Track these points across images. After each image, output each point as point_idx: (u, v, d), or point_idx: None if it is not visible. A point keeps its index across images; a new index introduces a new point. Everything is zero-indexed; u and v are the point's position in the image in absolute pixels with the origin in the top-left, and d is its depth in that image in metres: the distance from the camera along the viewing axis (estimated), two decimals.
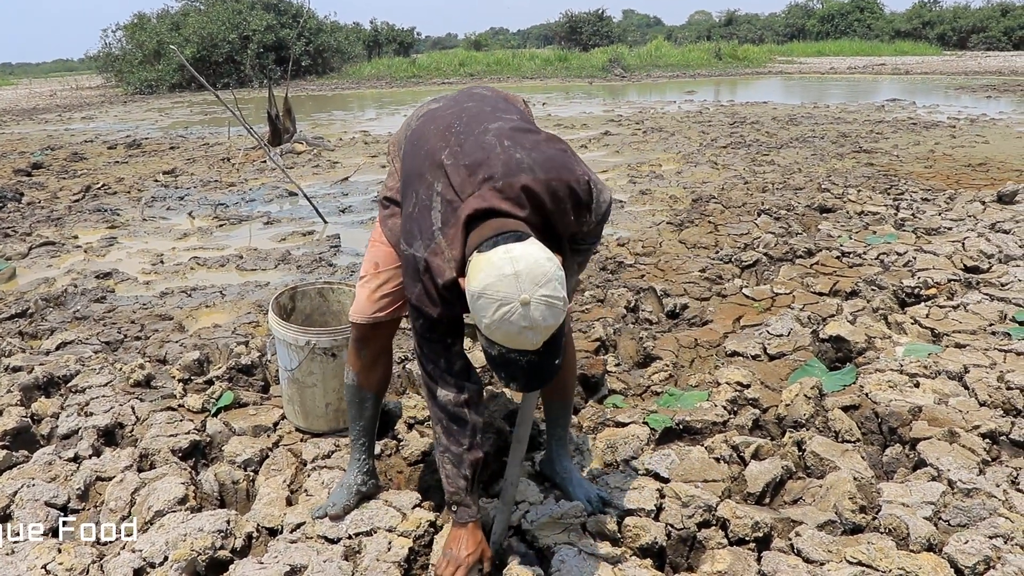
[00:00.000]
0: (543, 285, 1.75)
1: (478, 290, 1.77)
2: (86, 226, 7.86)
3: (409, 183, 2.17)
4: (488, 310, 1.76)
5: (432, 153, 2.11)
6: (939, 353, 3.73)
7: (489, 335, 1.81)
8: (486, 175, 1.97)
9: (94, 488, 2.88)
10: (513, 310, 1.74)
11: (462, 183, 1.99)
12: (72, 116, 22.80)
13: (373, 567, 2.31)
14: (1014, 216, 6.45)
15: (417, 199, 2.09)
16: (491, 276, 1.76)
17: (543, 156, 2.01)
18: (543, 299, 1.75)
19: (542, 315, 1.75)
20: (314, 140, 13.47)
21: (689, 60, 41.09)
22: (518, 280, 1.74)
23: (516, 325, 1.75)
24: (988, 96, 20.45)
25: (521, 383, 1.90)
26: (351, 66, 40.27)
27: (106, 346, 4.42)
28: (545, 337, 1.79)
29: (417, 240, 2.04)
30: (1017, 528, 2.40)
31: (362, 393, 2.64)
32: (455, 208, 1.98)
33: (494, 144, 2.03)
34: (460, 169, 2.01)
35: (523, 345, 1.79)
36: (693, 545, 2.46)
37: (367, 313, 2.51)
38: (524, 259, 1.77)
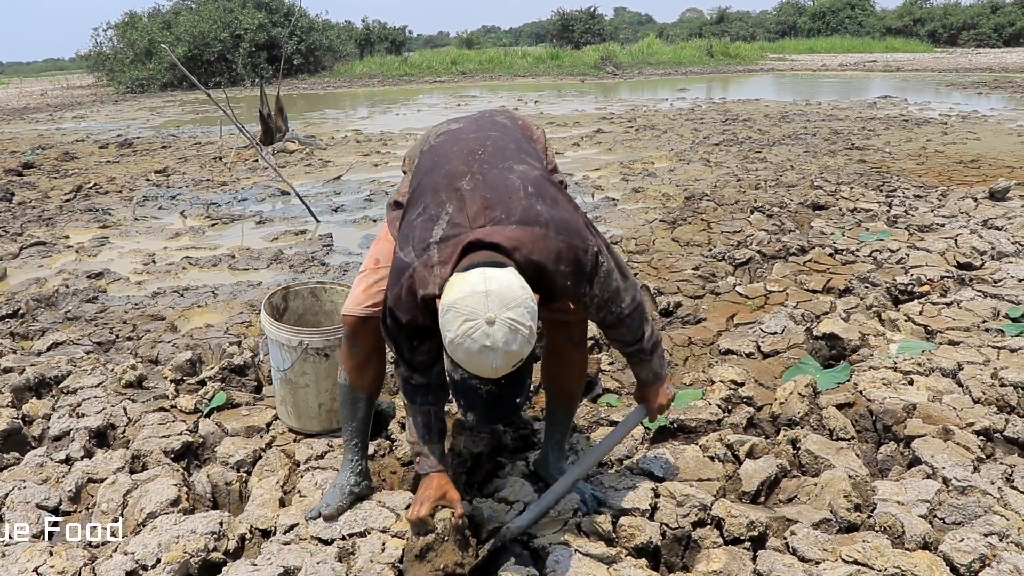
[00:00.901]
0: (511, 308, 1.78)
1: (448, 303, 1.81)
2: (77, 226, 7.83)
3: (421, 195, 2.18)
4: (453, 324, 1.79)
5: (452, 176, 2.13)
6: (933, 350, 3.73)
7: (452, 353, 1.83)
8: (503, 215, 2.00)
9: (86, 490, 2.86)
10: (477, 327, 1.77)
11: (476, 214, 2.02)
12: (63, 115, 22.70)
13: (367, 568, 2.30)
14: (1006, 213, 6.47)
15: (425, 211, 2.10)
16: (463, 291, 1.80)
17: (560, 216, 2.05)
18: (508, 321, 1.77)
19: (504, 337, 1.77)
20: (306, 139, 13.43)
21: (681, 58, 41.14)
22: (487, 298, 1.78)
23: (477, 343, 1.77)
24: (979, 93, 20.51)
25: (478, 413, 1.95)
26: (343, 65, 40.18)
27: (98, 347, 4.40)
28: (505, 365, 1.82)
29: (409, 247, 2.06)
30: (1012, 526, 2.39)
31: (355, 393, 2.63)
32: (460, 233, 2.00)
33: (518, 187, 2.06)
34: (477, 199, 2.04)
35: (482, 368, 1.81)
36: (688, 544, 2.46)
37: (361, 304, 2.51)
38: (498, 281, 1.81)
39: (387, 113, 20.27)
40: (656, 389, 2.50)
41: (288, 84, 31.60)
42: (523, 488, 2.67)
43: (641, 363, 2.43)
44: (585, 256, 2.06)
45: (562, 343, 2.63)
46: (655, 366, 2.44)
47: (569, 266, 2.03)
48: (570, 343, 2.62)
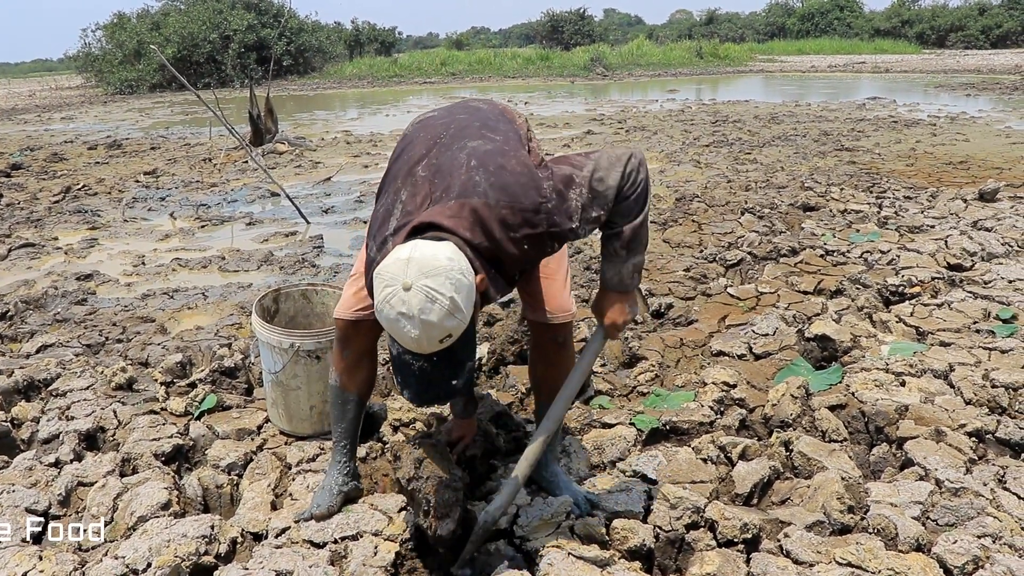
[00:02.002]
0: (429, 276, 1.79)
1: (378, 270, 1.86)
2: (66, 227, 7.78)
3: (385, 184, 2.24)
4: (377, 290, 1.84)
5: (411, 160, 2.17)
6: (924, 352, 3.74)
7: (381, 322, 1.87)
8: (443, 192, 2.02)
9: (76, 494, 2.84)
10: (394, 292, 1.79)
11: (424, 198, 2.05)
12: (52, 116, 22.60)
13: (360, 572, 2.29)
14: (996, 214, 6.50)
15: (385, 200, 2.17)
16: (390, 258, 1.85)
17: (502, 182, 1.99)
18: (424, 288, 1.78)
19: (419, 305, 1.78)
20: (296, 140, 13.39)
21: (670, 59, 41.23)
22: (408, 265, 1.81)
23: (394, 309, 1.80)
24: (967, 94, 20.61)
25: (412, 391, 1.95)
26: (332, 66, 40.14)
27: (87, 349, 4.37)
28: (424, 336, 1.81)
29: (371, 240, 2.12)
30: (1005, 527, 2.40)
31: (345, 395, 2.61)
32: (410, 221, 2.02)
33: (462, 163, 2.05)
34: (426, 183, 2.07)
35: (402, 338, 1.83)
36: (682, 547, 2.45)
37: (351, 308, 2.49)
38: (422, 250, 1.84)
39: (377, 114, 20.25)
40: (616, 300, 2.30)
41: (277, 85, 31.52)
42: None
43: (610, 257, 2.23)
44: (536, 216, 2.00)
45: (547, 344, 2.62)
46: (625, 271, 2.24)
47: (519, 231, 1.99)
48: (555, 343, 2.61)
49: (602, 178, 2.08)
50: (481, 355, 3.86)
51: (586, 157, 2.13)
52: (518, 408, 3.42)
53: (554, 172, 2.07)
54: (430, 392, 1.96)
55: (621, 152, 2.14)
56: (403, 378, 1.94)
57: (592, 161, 2.11)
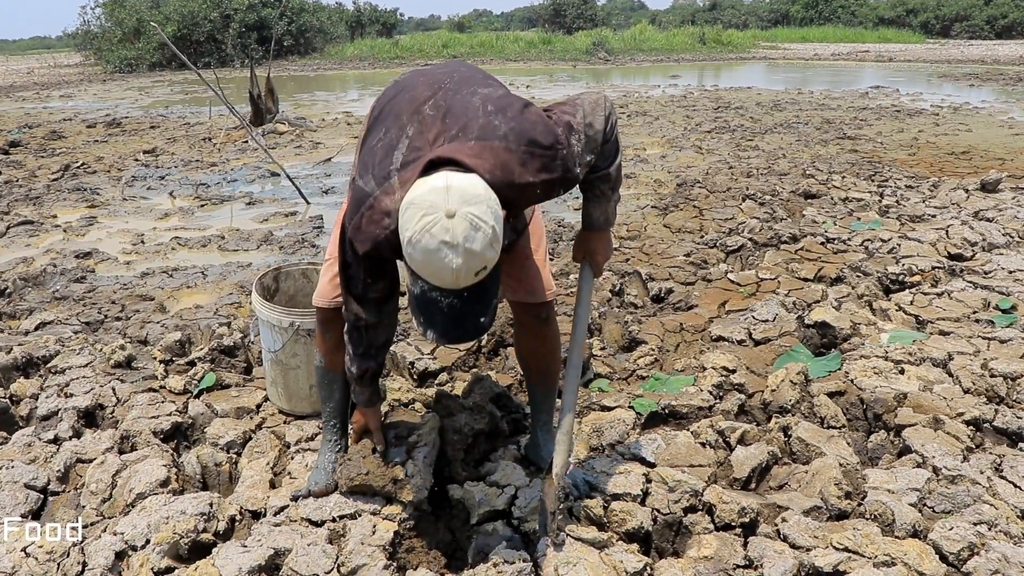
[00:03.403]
0: (472, 204, 1.73)
1: (408, 201, 1.77)
2: (65, 205, 7.76)
3: (381, 120, 2.15)
4: (412, 220, 1.73)
5: (415, 100, 2.09)
6: (924, 340, 3.75)
7: (410, 256, 1.77)
8: (460, 131, 1.94)
9: (74, 470, 2.84)
10: (436, 220, 1.71)
11: (436, 135, 1.97)
12: (50, 94, 22.51)
13: (358, 550, 2.29)
14: (997, 204, 6.49)
15: (385, 136, 2.06)
16: (423, 188, 1.77)
17: (521, 127, 1.97)
18: (469, 215, 1.72)
19: (464, 232, 1.71)
20: (296, 120, 13.35)
21: (673, 44, 41.06)
22: (447, 193, 1.73)
23: (435, 238, 1.71)
24: (971, 85, 20.54)
25: (438, 330, 1.87)
26: (333, 47, 39.93)
27: (86, 326, 4.36)
28: (465, 267, 1.74)
29: (369, 175, 2.01)
30: (1001, 515, 2.41)
31: (330, 375, 2.62)
32: (420, 156, 1.95)
33: (478, 107, 2.00)
34: (437, 122, 2.00)
35: (441, 270, 1.74)
36: (679, 530, 2.46)
37: (328, 297, 2.50)
38: (460, 180, 1.77)
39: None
40: (603, 238, 2.37)
41: (278, 66, 31.39)
42: (515, 472, 2.67)
43: (597, 198, 2.29)
44: (553, 162, 1.99)
45: (531, 321, 2.64)
46: (610, 208, 2.33)
47: (538, 175, 1.96)
48: (538, 320, 2.62)
49: (591, 123, 2.09)
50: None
51: (572, 104, 2.13)
52: (517, 390, 3.42)
53: (558, 120, 2.07)
54: (458, 331, 1.88)
55: (596, 97, 2.16)
56: (427, 318, 1.86)
57: (579, 108, 2.11)
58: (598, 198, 2.29)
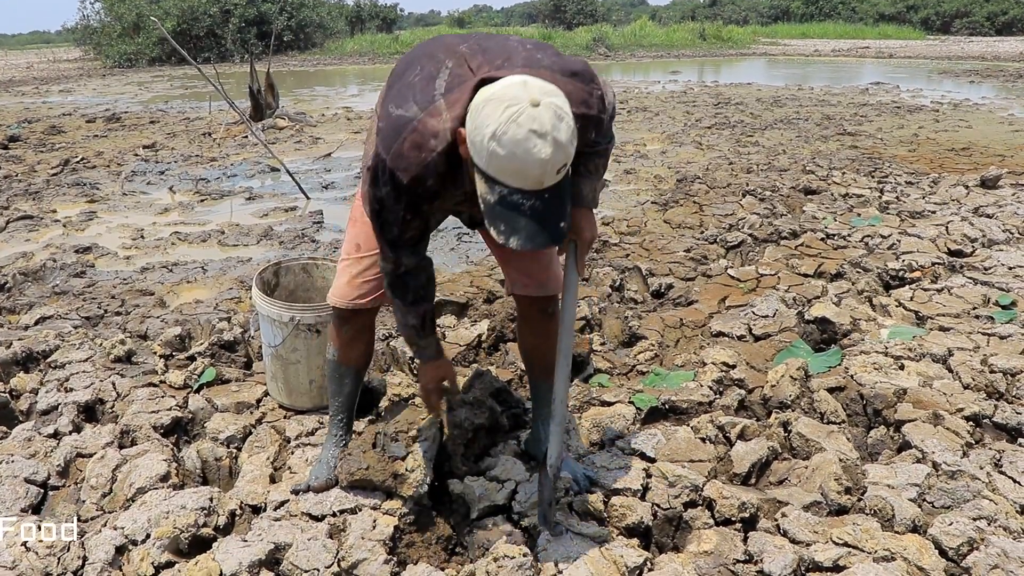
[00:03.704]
0: (553, 95, 1.74)
1: (485, 98, 1.74)
2: (65, 200, 7.75)
3: (414, 62, 2.08)
4: (495, 114, 1.69)
5: (448, 45, 2.06)
6: (923, 336, 3.75)
7: (493, 154, 1.71)
8: (504, 61, 1.94)
9: (74, 465, 2.85)
10: (521, 110, 1.68)
11: (479, 65, 1.94)
12: (49, 89, 22.48)
13: (358, 545, 2.29)
14: (997, 201, 6.49)
15: (422, 71, 2.00)
16: (499, 86, 1.74)
17: (563, 62, 2.00)
18: (553, 104, 1.71)
19: (551, 121, 1.69)
20: (296, 116, 13.34)
21: (673, 40, 40.99)
22: (526, 86, 1.72)
23: (523, 127, 1.67)
24: (971, 81, 20.52)
25: (523, 236, 1.79)
26: (333, 42, 39.86)
27: (86, 321, 4.36)
28: (553, 158, 1.71)
29: (411, 102, 1.94)
30: (1001, 510, 2.41)
31: (342, 368, 2.62)
32: (464, 80, 1.91)
33: (517, 47, 2.01)
34: (478, 55, 1.98)
35: (529, 162, 1.69)
36: (679, 525, 2.46)
37: (347, 299, 2.48)
38: (534, 78, 1.77)
39: (377, 91, 19.86)
40: (589, 215, 2.28)
41: (278, 61, 31.35)
42: (515, 467, 2.67)
43: (590, 174, 2.25)
44: (591, 98, 1.99)
45: (536, 315, 2.63)
46: (598, 187, 2.30)
47: (579, 108, 1.93)
48: (544, 314, 2.61)
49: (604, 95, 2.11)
50: (481, 332, 3.86)
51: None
52: (517, 385, 3.42)
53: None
54: (543, 235, 1.80)
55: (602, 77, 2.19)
56: (510, 224, 1.78)
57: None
58: (591, 174, 2.25)
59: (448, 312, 4.31)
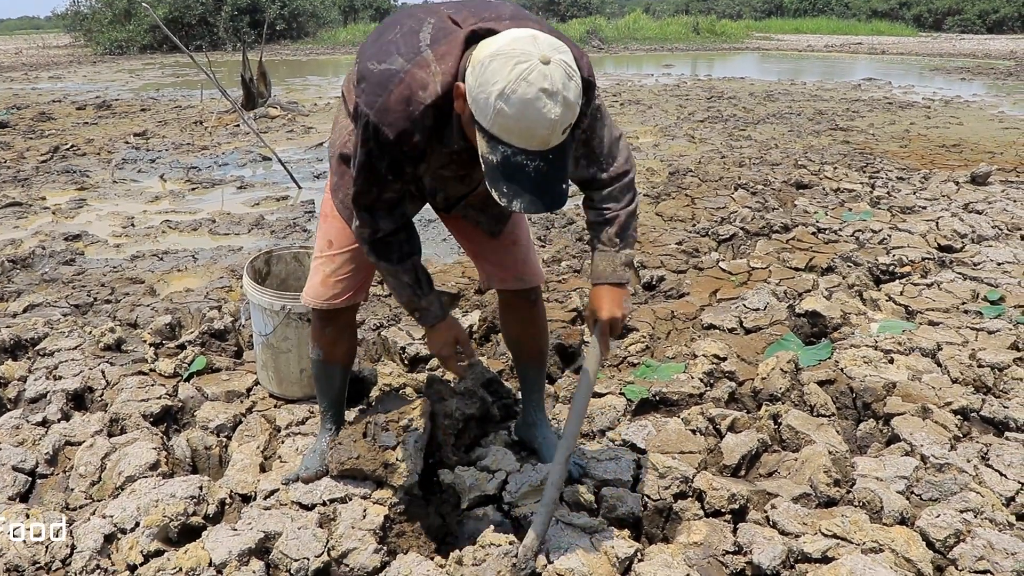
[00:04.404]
0: (562, 52, 1.67)
1: (491, 52, 1.65)
2: (54, 187, 7.71)
3: (390, 25, 1.98)
4: (502, 71, 1.61)
5: (428, 6, 1.98)
6: (913, 330, 3.76)
7: (497, 117, 1.65)
8: (493, 16, 1.87)
9: (63, 453, 2.84)
10: (532, 67, 1.60)
11: (464, 18, 1.87)
12: (39, 75, 22.33)
13: (348, 534, 2.29)
14: (987, 197, 6.51)
15: (401, 28, 1.91)
16: (507, 38, 1.67)
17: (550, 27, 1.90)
18: (563, 61, 1.64)
19: (562, 79, 1.63)
20: (288, 105, 13.29)
21: (667, 34, 40.97)
22: (536, 42, 1.65)
23: (534, 85, 1.60)
24: (962, 78, 20.57)
25: (527, 198, 1.73)
26: (326, 31, 39.68)
27: (75, 309, 4.34)
28: (562, 117, 1.65)
29: (394, 55, 1.85)
30: (987, 503, 2.43)
31: (329, 367, 2.60)
32: (449, 32, 1.84)
33: (500, 4, 1.95)
34: (463, 9, 1.90)
35: (537, 122, 1.63)
36: (669, 516, 2.47)
37: (322, 298, 2.44)
38: (541, 34, 1.70)
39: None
40: (612, 293, 2.18)
41: (270, 50, 31.20)
42: (505, 457, 2.67)
43: (604, 245, 2.15)
44: (582, 60, 1.84)
45: (520, 303, 2.63)
46: (618, 262, 2.16)
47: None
48: (528, 302, 2.61)
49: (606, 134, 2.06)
50: (472, 322, 3.86)
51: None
52: (508, 375, 3.42)
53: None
54: (546, 197, 1.75)
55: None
56: (514, 185, 1.72)
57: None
58: (603, 247, 2.16)
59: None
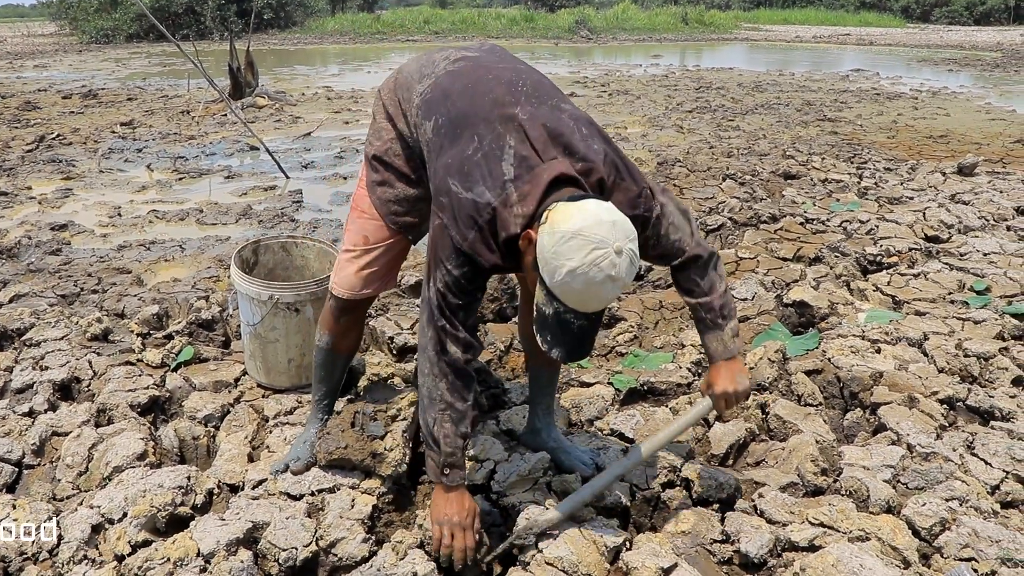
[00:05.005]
0: (632, 240, 1.78)
1: (573, 230, 1.72)
2: (40, 177, 7.65)
3: (466, 124, 2.01)
4: (579, 252, 1.72)
5: (500, 103, 2.00)
6: (900, 320, 3.78)
7: (564, 284, 1.76)
8: (568, 149, 1.94)
9: (50, 443, 2.82)
10: (606, 255, 1.72)
11: (543, 147, 1.92)
12: (24, 64, 22.13)
13: (336, 524, 2.29)
14: (973, 188, 6.54)
15: (481, 144, 1.96)
16: (589, 219, 1.74)
17: (614, 158, 2.01)
18: (631, 252, 1.76)
19: (627, 269, 1.76)
20: (276, 94, 13.23)
21: (655, 24, 40.94)
22: (614, 228, 1.75)
23: (603, 272, 1.72)
24: (949, 70, 20.66)
25: (565, 349, 1.88)
26: (314, 20, 39.45)
27: (62, 299, 4.31)
28: (615, 297, 1.80)
29: (480, 186, 1.91)
30: (972, 491, 2.45)
31: (334, 356, 2.61)
32: (532, 167, 1.90)
33: (572, 126, 1.99)
34: (540, 129, 1.95)
35: (594, 299, 1.78)
36: (657, 505, 2.48)
37: (355, 290, 2.44)
38: (618, 213, 1.79)
39: (358, 71, 20.02)
40: (726, 369, 2.23)
41: (258, 39, 30.99)
42: (493, 446, 2.68)
43: (710, 328, 2.22)
44: (637, 199, 2.00)
45: None
46: (726, 337, 2.22)
47: (625, 209, 1.92)
48: None
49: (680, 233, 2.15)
50: None
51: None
52: (496, 365, 3.43)
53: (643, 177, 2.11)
54: (581, 350, 1.91)
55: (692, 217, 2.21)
56: (558, 337, 1.86)
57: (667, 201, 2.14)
58: (709, 327, 2.23)
59: None
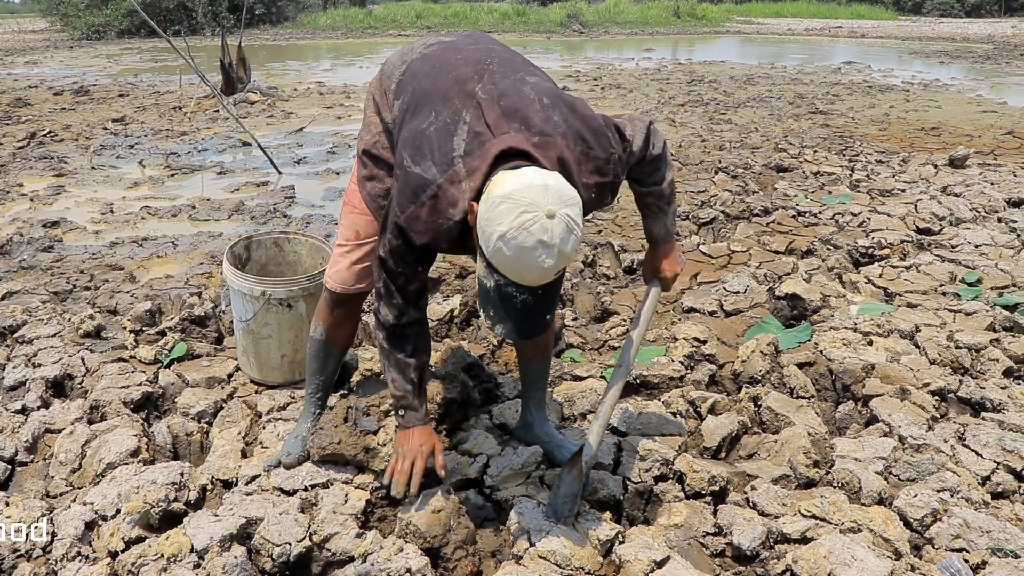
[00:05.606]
0: (569, 205, 1.72)
1: (503, 193, 1.71)
2: (32, 174, 7.62)
3: (426, 100, 2.04)
4: (508, 216, 1.69)
5: (462, 80, 2.02)
6: (892, 312, 3.79)
7: (497, 252, 1.73)
8: (523, 123, 1.91)
9: (43, 440, 2.82)
10: (536, 219, 1.67)
11: (496, 121, 1.91)
12: (14, 60, 22.00)
13: (330, 519, 2.30)
14: (965, 180, 6.56)
15: (437, 119, 1.97)
16: (521, 183, 1.72)
17: (578, 126, 1.97)
18: (566, 216, 1.70)
19: (561, 234, 1.70)
20: (268, 90, 13.18)
21: (648, 18, 40.85)
22: (547, 192, 1.70)
23: (533, 237, 1.68)
24: (941, 62, 20.67)
25: (509, 326, 1.85)
26: (306, 16, 39.29)
27: (54, 296, 4.30)
28: (555, 267, 1.73)
29: (428, 161, 1.92)
30: (963, 482, 2.46)
31: (328, 348, 2.61)
32: (483, 141, 1.89)
33: (533, 98, 1.97)
34: (495, 107, 1.94)
35: (529, 268, 1.72)
36: (650, 498, 2.49)
37: (348, 284, 2.46)
38: (555, 178, 1.75)
39: (350, 66, 19.95)
40: (668, 251, 2.41)
41: (250, 34, 30.91)
42: (486, 441, 2.68)
43: (656, 213, 2.33)
44: (606, 165, 1.99)
45: None
46: (668, 220, 2.35)
47: (591, 177, 1.96)
48: None
49: (632, 137, 2.12)
50: (453, 307, 3.86)
51: (620, 118, 2.16)
52: (489, 360, 3.43)
53: (608, 122, 2.07)
54: (528, 327, 1.87)
55: (641, 119, 2.20)
56: (500, 312, 1.84)
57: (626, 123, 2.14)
58: (655, 214, 2.33)
59: None
